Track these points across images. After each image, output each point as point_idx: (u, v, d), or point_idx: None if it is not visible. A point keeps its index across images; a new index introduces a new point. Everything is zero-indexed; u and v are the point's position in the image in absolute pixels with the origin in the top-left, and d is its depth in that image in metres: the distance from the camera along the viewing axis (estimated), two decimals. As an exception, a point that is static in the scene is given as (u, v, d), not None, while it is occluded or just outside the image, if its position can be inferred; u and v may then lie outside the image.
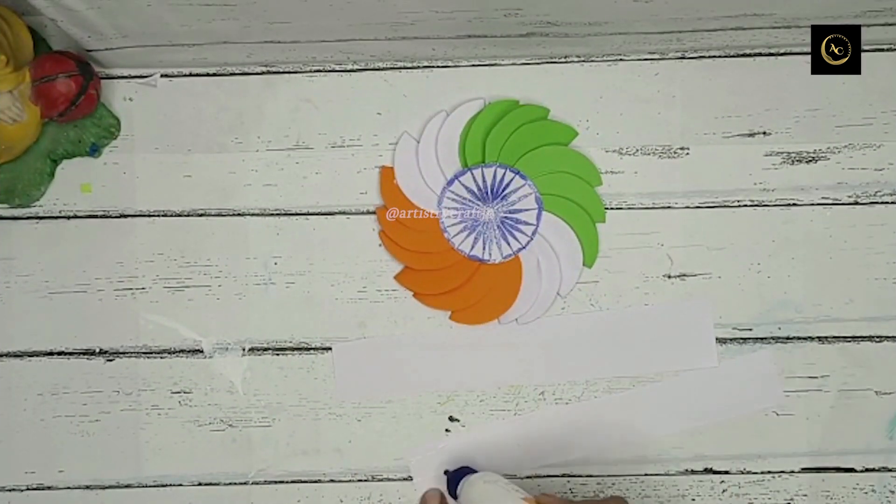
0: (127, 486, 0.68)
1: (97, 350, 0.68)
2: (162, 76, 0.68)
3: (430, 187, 0.67)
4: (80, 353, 0.68)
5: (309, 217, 0.68)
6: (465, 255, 0.67)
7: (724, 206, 0.68)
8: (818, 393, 0.68)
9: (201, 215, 0.68)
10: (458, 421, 0.68)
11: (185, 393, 0.68)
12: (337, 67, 0.68)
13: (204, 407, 0.68)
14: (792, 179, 0.68)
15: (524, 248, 0.67)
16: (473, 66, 0.68)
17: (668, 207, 0.68)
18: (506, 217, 0.67)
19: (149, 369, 0.68)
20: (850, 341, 0.68)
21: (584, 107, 0.68)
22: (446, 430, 0.68)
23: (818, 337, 0.68)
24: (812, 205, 0.68)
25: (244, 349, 0.68)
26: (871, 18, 0.63)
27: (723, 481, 0.68)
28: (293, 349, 0.68)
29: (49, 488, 0.68)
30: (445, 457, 0.68)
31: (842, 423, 0.68)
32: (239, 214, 0.68)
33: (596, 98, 0.68)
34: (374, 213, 0.68)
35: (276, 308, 0.68)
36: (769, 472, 0.68)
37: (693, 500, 0.68)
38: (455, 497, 0.63)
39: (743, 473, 0.68)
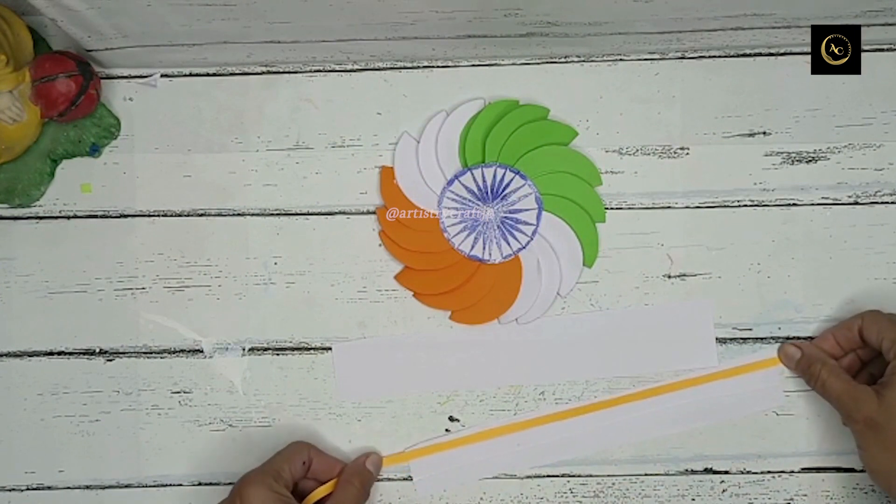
0: (127, 486, 0.68)
1: (97, 350, 0.68)
2: (162, 76, 0.68)
3: (430, 187, 0.67)
4: (80, 353, 0.68)
5: (309, 217, 0.68)
6: (465, 255, 0.67)
7: (724, 206, 0.68)
8: (818, 393, 0.68)
9: (201, 215, 0.68)
10: (458, 421, 0.68)
11: (185, 393, 0.68)
12: (337, 67, 0.68)
13: (204, 407, 0.68)
14: (792, 179, 0.68)
15: (524, 248, 0.67)
16: (473, 66, 0.68)
17: (668, 207, 0.68)
18: (506, 217, 0.67)
19: (149, 369, 0.68)
20: (850, 341, 0.68)
21: (584, 107, 0.68)
22: (446, 430, 0.68)
23: (818, 337, 0.68)
24: (812, 205, 0.68)
25: (244, 349, 0.68)
26: (871, 18, 0.63)
27: (723, 481, 0.68)
28: (293, 349, 0.68)
29: (49, 488, 0.68)
30: (445, 457, 0.68)
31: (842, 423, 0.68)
32: (239, 214, 0.68)
33: (596, 98, 0.68)
34: (374, 213, 0.68)
35: (276, 308, 0.68)
36: (769, 472, 0.68)
37: (693, 500, 0.68)
38: None
39: (743, 473, 0.68)
